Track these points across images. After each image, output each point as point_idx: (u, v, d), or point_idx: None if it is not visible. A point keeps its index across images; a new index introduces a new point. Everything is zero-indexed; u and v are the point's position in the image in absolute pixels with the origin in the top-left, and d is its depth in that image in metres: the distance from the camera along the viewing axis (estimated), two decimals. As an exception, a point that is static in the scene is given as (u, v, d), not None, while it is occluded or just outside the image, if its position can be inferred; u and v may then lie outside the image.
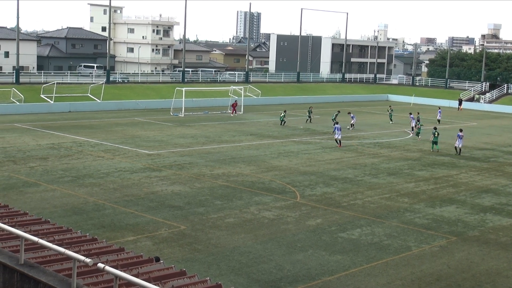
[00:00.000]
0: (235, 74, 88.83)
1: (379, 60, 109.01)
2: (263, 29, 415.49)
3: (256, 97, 70.35)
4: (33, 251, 10.13)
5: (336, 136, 40.67)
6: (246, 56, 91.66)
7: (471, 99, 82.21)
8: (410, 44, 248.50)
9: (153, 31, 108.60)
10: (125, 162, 32.16)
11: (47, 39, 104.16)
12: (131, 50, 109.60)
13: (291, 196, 26.40)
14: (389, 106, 60.51)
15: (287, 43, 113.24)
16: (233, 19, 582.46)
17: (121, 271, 8.70)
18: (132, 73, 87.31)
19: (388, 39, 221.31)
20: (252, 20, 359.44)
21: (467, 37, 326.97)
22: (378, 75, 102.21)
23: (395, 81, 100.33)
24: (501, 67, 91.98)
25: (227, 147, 38.49)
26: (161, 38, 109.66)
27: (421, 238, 21.25)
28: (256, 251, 19.07)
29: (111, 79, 71.99)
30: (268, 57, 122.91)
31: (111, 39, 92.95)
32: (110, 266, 8.80)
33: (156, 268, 9.97)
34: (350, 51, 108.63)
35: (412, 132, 47.23)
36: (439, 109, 59.82)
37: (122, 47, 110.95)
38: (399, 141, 44.44)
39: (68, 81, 69.78)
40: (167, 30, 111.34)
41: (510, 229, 22.99)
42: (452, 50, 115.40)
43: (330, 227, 22.05)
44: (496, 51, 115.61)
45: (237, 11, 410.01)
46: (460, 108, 74.54)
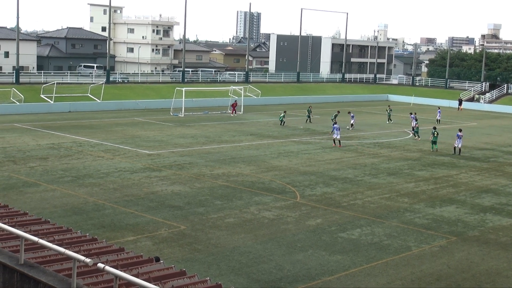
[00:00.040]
0: (235, 74, 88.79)
1: (379, 60, 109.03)
2: (263, 29, 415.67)
3: (256, 97, 70.35)
4: (33, 251, 10.13)
5: (335, 136, 40.66)
6: (246, 56, 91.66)
7: (471, 99, 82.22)
8: (410, 44, 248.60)
9: (153, 31, 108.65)
10: (125, 162, 32.16)
11: (47, 39, 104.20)
12: (131, 50, 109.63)
13: (291, 196, 26.40)
14: (388, 106, 60.54)
15: (287, 43, 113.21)
16: (233, 19, 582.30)
17: (121, 271, 8.70)
18: (132, 73, 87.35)
19: (388, 39, 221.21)
20: (252, 20, 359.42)
21: (467, 37, 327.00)
22: (378, 75, 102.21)
23: (395, 81, 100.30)
24: (501, 67, 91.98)
25: (227, 147, 38.49)
26: (161, 38, 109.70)
27: (421, 238, 21.26)
28: (256, 251, 19.08)
29: (111, 79, 71.99)
30: (268, 57, 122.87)
31: (111, 39, 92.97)
32: (110, 266, 8.80)
33: (156, 268, 9.97)
34: (350, 51, 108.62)
35: (412, 132, 47.21)
36: (439, 109, 59.86)
37: (122, 47, 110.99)
38: (399, 141, 44.45)
39: (68, 81, 69.78)
40: (167, 30, 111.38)
41: (510, 229, 22.99)
42: (452, 50, 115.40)
43: (330, 227, 22.06)
44: (496, 51, 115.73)
45: (237, 11, 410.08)
46: (460, 108, 74.53)
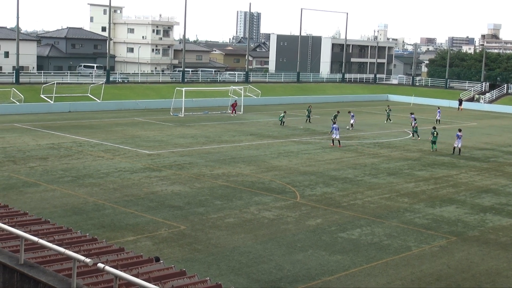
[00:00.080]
0: (235, 74, 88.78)
1: (379, 60, 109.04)
2: (263, 29, 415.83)
3: (256, 97, 70.35)
4: (33, 251, 10.13)
5: (334, 136, 40.64)
6: (246, 56, 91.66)
7: (471, 99, 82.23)
8: (410, 44, 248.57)
9: (153, 31, 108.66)
10: (125, 162, 32.16)
11: (47, 39, 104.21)
12: (131, 50, 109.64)
13: (291, 196, 26.40)
14: (387, 106, 60.55)
15: (287, 43, 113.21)
16: (233, 19, 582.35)
17: (121, 271, 8.71)
18: (132, 73, 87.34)
19: (388, 39, 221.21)
20: (252, 20, 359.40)
21: (467, 37, 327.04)
22: (378, 75, 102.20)
23: (395, 81, 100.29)
24: (501, 67, 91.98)
25: (227, 147, 38.49)
26: (161, 38, 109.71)
27: (421, 238, 21.26)
28: (256, 251, 19.08)
29: (111, 79, 71.99)
30: (268, 57, 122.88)
31: (111, 39, 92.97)
32: (110, 266, 8.80)
33: (156, 268, 9.97)
34: (350, 51, 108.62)
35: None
36: (438, 109, 59.87)
37: (122, 47, 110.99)
38: (399, 141, 44.45)
39: (68, 81, 69.77)
40: (167, 30, 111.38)
41: (510, 229, 23.00)
42: (452, 50, 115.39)
43: (330, 227, 22.06)
44: (496, 51, 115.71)
45: (237, 11, 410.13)
46: (461, 108, 74.53)
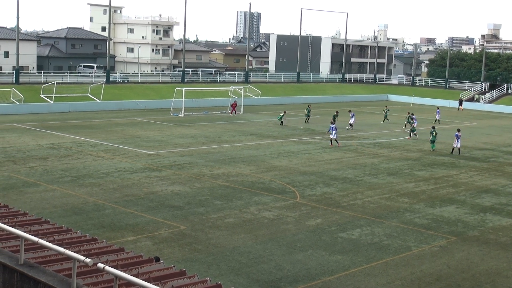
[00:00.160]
0: (235, 74, 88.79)
1: (379, 60, 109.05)
2: (263, 29, 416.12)
3: (256, 97, 70.36)
4: (33, 251, 10.13)
5: (332, 136, 40.61)
6: (246, 56, 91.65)
7: (471, 99, 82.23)
8: (410, 44, 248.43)
9: (153, 31, 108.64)
10: (125, 162, 32.16)
11: (47, 39, 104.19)
12: (131, 50, 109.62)
13: (291, 196, 26.40)
14: (386, 106, 60.53)
15: (287, 43, 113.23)
16: (233, 19, 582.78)
17: (121, 271, 8.70)
18: (132, 73, 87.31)
19: (388, 39, 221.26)
20: (252, 20, 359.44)
21: (467, 37, 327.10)
22: (378, 75, 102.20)
23: (395, 81, 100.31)
24: (501, 67, 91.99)
25: (227, 147, 38.49)
26: (161, 38, 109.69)
27: (421, 238, 21.26)
28: (256, 251, 19.08)
29: (111, 79, 71.99)
30: (268, 57, 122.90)
31: (111, 39, 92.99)
32: (110, 266, 8.80)
33: (156, 268, 9.97)
34: (350, 51, 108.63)
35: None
36: (438, 109, 59.88)
37: (122, 47, 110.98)
38: (399, 141, 44.45)
39: (68, 81, 69.75)
40: (167, 30, 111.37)
41: (510, 229, 23.00)
42: (452, 50, 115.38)
43: (330, 227, 22.06)
44: (496, 51, 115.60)
45: (237, 11, 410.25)
46: (461, 108, 74.53)
